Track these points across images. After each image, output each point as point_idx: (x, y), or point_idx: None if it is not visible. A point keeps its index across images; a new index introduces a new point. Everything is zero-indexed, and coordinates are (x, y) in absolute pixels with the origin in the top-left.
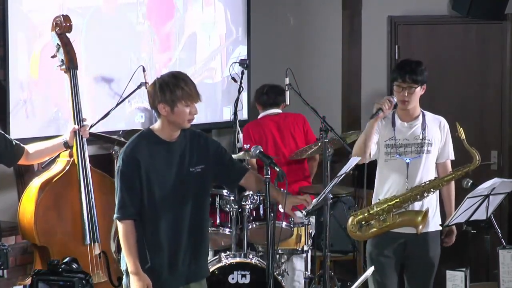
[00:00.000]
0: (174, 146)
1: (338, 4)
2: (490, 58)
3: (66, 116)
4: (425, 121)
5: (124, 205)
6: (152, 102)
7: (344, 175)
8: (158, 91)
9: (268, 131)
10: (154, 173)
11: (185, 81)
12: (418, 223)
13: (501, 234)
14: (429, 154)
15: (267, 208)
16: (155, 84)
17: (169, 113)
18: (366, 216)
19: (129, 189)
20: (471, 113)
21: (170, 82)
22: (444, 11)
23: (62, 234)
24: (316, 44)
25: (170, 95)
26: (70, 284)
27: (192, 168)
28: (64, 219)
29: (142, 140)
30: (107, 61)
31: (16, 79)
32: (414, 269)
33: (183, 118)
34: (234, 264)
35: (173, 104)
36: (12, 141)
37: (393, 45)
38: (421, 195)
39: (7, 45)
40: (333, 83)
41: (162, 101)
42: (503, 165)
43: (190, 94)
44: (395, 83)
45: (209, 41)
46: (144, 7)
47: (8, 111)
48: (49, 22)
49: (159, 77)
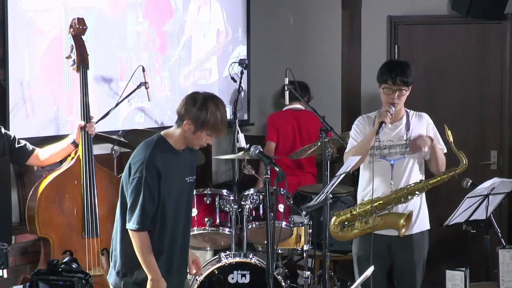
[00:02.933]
0: (182, 156)
1: (338, 4)
2: (490, 58)
3: (66, 115)
4: (409, 121)
5: (146, 216)
6: (182, 112)
7: (343, 174)
8: (196, 109)
9: (290, 124)
10: (166, 182)
11: (222, 116)
12: (401, 226)
13: (500, 234)
14: (414, 154)
15: (267, 208)
16: (195, 100)
17: (190, 132)
18: (349, 216)
19: (152, 198)
20: (471, 113)
21: (210, 109)
22: (444, 11)
23: (63, 226)
24: (316, 44)
25: (203, 120)
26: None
27: (187, 177)
28: (66, 212)
29: (157, 147)
30: (107, 61)
31: (16, 79)
32: (400, 271)
33: (198, 142)
34: (233, 264)
35: (200, 128)
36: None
37: (393, 45)
38: (406, 198)
39: (7, 45)
40: (333, 83)
41: (192, 119)
42: (503, 165)
43: (220, 130)
44: (384, 85)
45: (204, 41)
46: (144, 7)
47: (8, 110)
48: (49, 22)
49: (203, 96)
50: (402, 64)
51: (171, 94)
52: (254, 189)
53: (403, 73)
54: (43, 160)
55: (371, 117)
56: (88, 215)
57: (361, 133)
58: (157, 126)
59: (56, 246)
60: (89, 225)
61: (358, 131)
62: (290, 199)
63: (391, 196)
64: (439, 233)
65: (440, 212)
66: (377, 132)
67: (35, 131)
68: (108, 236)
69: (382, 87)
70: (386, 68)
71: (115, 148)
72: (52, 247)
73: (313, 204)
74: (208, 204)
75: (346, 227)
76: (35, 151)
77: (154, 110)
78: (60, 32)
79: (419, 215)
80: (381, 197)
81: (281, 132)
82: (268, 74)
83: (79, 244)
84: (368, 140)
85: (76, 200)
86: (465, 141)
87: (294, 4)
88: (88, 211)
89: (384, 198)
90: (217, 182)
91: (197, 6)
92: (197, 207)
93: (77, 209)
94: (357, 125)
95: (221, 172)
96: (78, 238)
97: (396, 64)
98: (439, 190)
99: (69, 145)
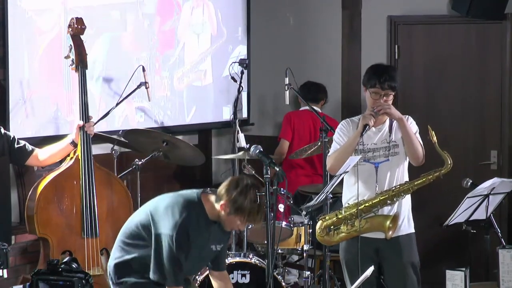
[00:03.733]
0: (213, 227)
1: (338, 4)
2: (490, 58)
3: (66, 115)
4: (392, 124)
5: (179, 273)
6: (222, 191)
7: (344, 174)
8: (236, 193)
9: (306, 123)
10: (193, 248)
11: (259, 207)
12: (387, 228)
13: (500, 233)
14: (396, 156)
15: (267, 208)
16: (238, 183)
17: (225, 213)
18: (334, 220)
19: (181, 258)
20: (471, 113)
21: (250, 197)
22: (444, 11)
23: (62, 227)
24: (316, 44)
25: (240, 205)
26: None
27: (213, 245)
28: (65, 212)
29: (193, 211)
30: (107, 61)
31: (16, 79)
32: (390, 274)
33: (230, 225)
34: (233, 263)
35: (235, 212)
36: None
37: (393, 45)
38: (391, 200)
39: (7, 45)
40: (333, 83)
41: (230, 201)
42: (503, 165)
43: (255, 220)
44: (371, 90)
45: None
46: (144, 6)
47: (8, 110)
48: (48, 21)
49: (247, 182)
50: (389, 69)
51: (171, 94)
52: None
53: (391, 78)
54: (42, 161)
55: (354, 121)
56: (87, 215)
57: (345, 136)
58: (157, 126)
59: (55, 246)
60: (88, 225)
61: (342, 135)
62: (290, 199)
63: (376, 198)
64: (439, 233)
65: (440, 212)
66: (361, 134)
67: (35, 131)
68: (107, 236)
69: (369, 91)
70: (374, 73)
71: (115, 148)
72: (51, 247)
73: (313, 204)
74: None
75: (332, 231)
76: (35, 152)
77: (154, 110)
78: (60, 32)
79: (407, 217)
80: (366, 200)
81: (297, 132)
82: (268, 74)
83: (78, 244)
84: (351, 143)
85: (75, 200)
86: (465, 141)
87: (294, 4)
88: (87, 211)
89: (369, 201)
90: (217, 182)
91: (191, 7)
92: None
93: (76, 209)
94: (341, 128)
95: (221, 172)
96: (77, 238)
97: (384, 69)
98: (439, 190)
99: (68, 145)
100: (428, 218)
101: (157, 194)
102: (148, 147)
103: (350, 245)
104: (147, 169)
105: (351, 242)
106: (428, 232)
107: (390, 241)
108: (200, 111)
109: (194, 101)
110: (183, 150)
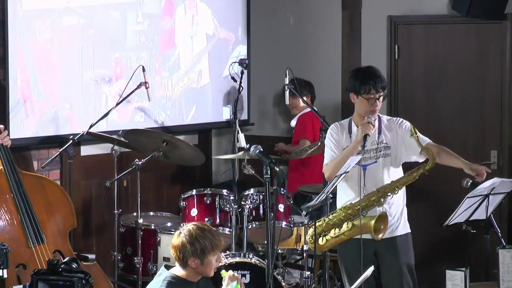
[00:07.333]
0: (201, 283)
1: (338, 4)
2: (490, 58)
3: (66, 115)
4: (381, 125)
5: None
6: (181, 256)
7: (344, 175)
8: (190, 246)
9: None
10: None
11: (210, 231)
12: (372, 228)
13: (500, 233)
14: (388, 157)
15: (267, 208)
16: (184, 239)
17: (199, 265)
18: (323, 226)
19: None
20: (471, 113)
21: (199, 236)
22: (444, 11)
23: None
24: (316, 44)
25: (201, 248)
26: (69, 284)
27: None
28: (6, 228)
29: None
30: (107, 61)
31: (16, 79)
32: (387, 275)
33: (211, 267)
34: (233, 263)
35: (204, 256)
36: None
37: (393, 45)
38: (378, 201)
39: (7, 45)
40: (333, 83)
41: (193, 255)
42: (503, 165)
43: (216, 244)
44: (365, 95)
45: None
46: (144, 6)
47: (8, 110)
48: (49, 22)
49: (184, 231)
50: (376, 71)
51: (171, 94)
52: (254, 189)
53: (381, 79)
54: None
55: (343, 124)
56: (28, 224)
57: (336, 142)
58: (157, 126)
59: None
60: (32, 233)
61: (334, 141)
62: (290, 199)
63: (363, 201)
64: (439, 233)
65: (440, 212)
66: (363, 146)
67: (35, 130)
68: (55, 237)
69: (363, 97)
70: (366, 78)
71: (115, 148)
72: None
73: (313, 204)
74: (208, 204)
75: (322, 237)
76: None
77: (154, 110)
78: (59, 32)
79: (402, 217)
80: (354, 203)
81: (311, 129)
82: (268, 74)
83: (28, 254)
84: (350, 152)
85: (13, 213)
86: (465, 141)
87: (294, 4)
88: (27, 220)
89: (356, 204)
90: (217, 182)
91: (189, 7)
92: (197, 207)
93: (16, 222)
94: (331, 134)
95: (221, 172)
96: (25, 250)
97: (372, 72)
98: (439, 190)
99: None
100: (428, 218)
101: (157, 194)
102: (148, 147)
103: (349, 249)
104: (147, 169)
105: (349, 246)
106: (428, 232)
107: (387, 242)
108: (200, 111)
109: (194, 101)
110: (183, 150)
